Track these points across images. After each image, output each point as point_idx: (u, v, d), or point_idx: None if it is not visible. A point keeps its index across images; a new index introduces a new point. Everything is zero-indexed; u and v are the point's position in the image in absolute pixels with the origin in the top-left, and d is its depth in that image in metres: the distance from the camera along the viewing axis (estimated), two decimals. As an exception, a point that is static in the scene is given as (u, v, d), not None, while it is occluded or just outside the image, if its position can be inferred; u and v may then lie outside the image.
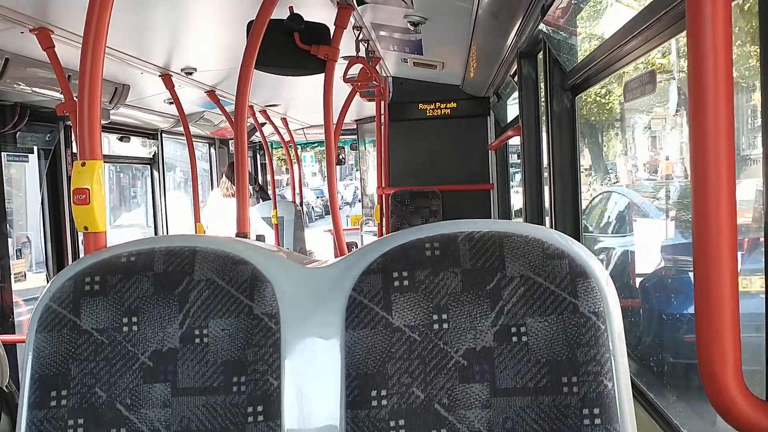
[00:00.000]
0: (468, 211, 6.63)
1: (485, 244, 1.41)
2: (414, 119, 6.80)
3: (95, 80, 1.67)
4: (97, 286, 1.47)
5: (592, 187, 6.80)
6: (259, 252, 1.52)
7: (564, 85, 3.15)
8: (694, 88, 1.07)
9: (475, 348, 1.37)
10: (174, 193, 10.81)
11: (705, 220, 1.07)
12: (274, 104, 7.49)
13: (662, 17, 1.85)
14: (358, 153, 10.13)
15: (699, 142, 1.07)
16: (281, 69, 3.53)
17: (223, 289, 1.46)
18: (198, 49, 4.61)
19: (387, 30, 4.40)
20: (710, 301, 1.08)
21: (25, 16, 3.19)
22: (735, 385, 1.09)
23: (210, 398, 1.41)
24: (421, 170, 6.79)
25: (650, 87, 2.12)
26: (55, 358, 1.44)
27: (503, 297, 1.37)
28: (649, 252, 4.70)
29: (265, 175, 10.70)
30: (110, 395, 1.42)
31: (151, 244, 1.53)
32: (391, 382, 1.37)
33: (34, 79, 4.04)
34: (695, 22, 1.05)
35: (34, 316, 1.48)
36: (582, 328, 1.34)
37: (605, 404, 1.32)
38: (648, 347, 3.85)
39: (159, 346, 1.44)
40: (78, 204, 1.67)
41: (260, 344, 1.43)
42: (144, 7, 3.29)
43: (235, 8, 3.48)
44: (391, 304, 1.40)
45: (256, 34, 2.83)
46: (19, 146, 4.99)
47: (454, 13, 3.87)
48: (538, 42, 3.48)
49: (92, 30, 1.67)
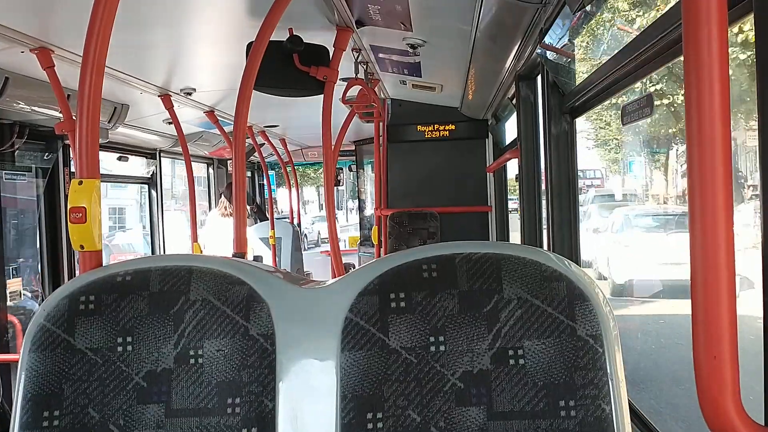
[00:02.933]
0: (466, 233, 6.62)
1: (483, 266, 1.40)
2: (412, 141, 6.81)
3: (95, 100, 1.67)
4: (92, 305, 1.46)
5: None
6: (256, 272, 1.51)
7: (562, 108, 3.16)
8: (690, 112, 1.07)
9: (472, 371, 1.36)
10: (171, 214, 10.80)
11: (702, 246, 1.07)
12: (272, 125, 7.51)
13: (660, 41, 1.86)
14: (357, 174, 10.14)
15: (697, 172, 1.07)
16: (280, 90, 3.55)
17: (218, 310, 1.45)
18: (197, 69, 4.63)
19: (386, 52, 4.42)
20: (708, 325, 1.08)
21: (26, 35, 3.20)
22: (734, 411, 1.08)
23: (204, 420, 1.40)
24: (420, 192, 6.80)
25: (647, 110, 2.13)
26: (48, 378, 1.43)
27: (500, 319, 1.37)
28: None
29: (263, 196, 10.71)
30: (103, 416, 1.41)
31: (148, 264, 1.52)
32: (387, 404, 1.36)
33: (33, 98, 4.05)
34: (692, 46, 1.06)
35: (28, 336, 1.47)
36: (580, 351, 1.34)
37: (603, 428, 1.31)
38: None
39: (153, 366, 1.43)
40: (74, 222, 1.67)
41: (255, 365, 1.42)
42: (144, 27, 3.31)
43: (235, 29, 3.50)
44: (387, 325, 1.39)
45: (255, 56, 2.84)
46: (18, 164, 4.99)
47: (453, 37, 3.89)
48: (537, 65, 3.50)
49: (92, 49, 1.68)
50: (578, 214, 3.24)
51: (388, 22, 3.59)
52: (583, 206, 15.05)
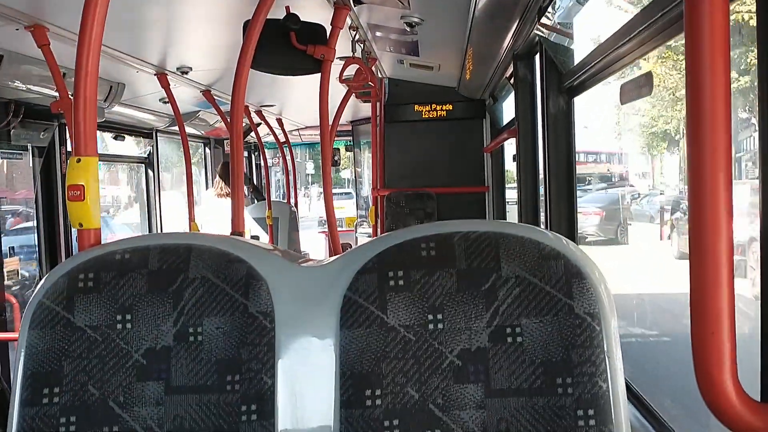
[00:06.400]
0: (463, 213, 6.63)
1: (481, 245, 1.41)
2: (410, 121, 6.79)
3: (91, 76, 1.66)
4: (91, 283, 1.46)
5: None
6: (255, 251, 1.51)
7: (560, 88, 3.15)
8: (691, 90, 1.07)
9: (470, 348, 1.37)
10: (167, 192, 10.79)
11: (701, 222, 1.07)
12: (269, 104, 7.48)
13: (660, 18, 1.85)
14: (354, 154, 10.12)
15: (696, 144, 1.07)
16: (277, 69, 3.53)
17: (218, 287, 1.45)
18: (194, 48, 4.60)
19: (383, 31, 4.39)
20: (706, 302, 1.08)
21: (20, 12, 3.17)
22: (731, 387, 1.09)
23: (203, 397, 1.41)
24: (417, 172, 6.79)
25: (646, 89, 2.12)
26: (48, 356, 1.44)
27: (498, 297, 1.37)
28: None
29: (260, 176, 10.68)
30: (103, 393, 1.41)
31: (146, 242, 1.53)
32: (385, 381, 1.37)
33: (29, 76, 4.02)
34: (693, 24, 1.05)
35: (27, 313, 1.47)
36: (577, 329, 1.35)
37: (600, 405, 1.32)
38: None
39: (153, 344, 1.43)
40: (72, 200, 1.66)
41: (255, 343, 1.42)
42: (140, 5, 3.28)
43: (231, 8, 3.47)
44: (386, 303, 1.40)
45: (252, 34, 2.82)
46: (13, 143, 4.97)
47: (450, 15, 3.87)
48: (535, 44, 3.48)
49: (88, 27, 1.66)
50: (575, 193, 3.24)
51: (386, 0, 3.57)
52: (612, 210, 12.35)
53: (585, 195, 13.71)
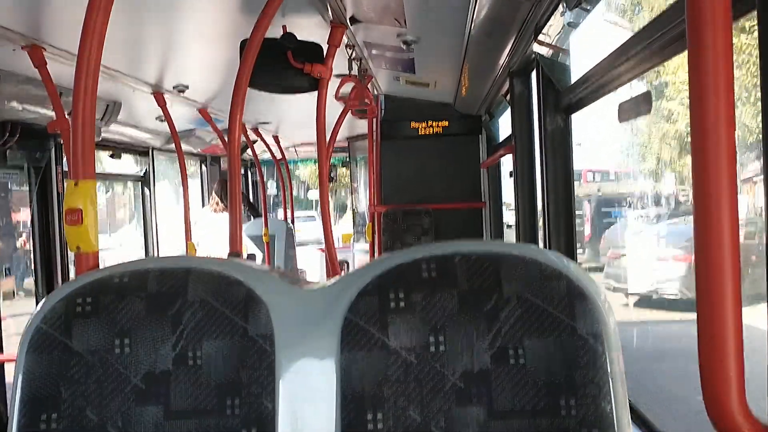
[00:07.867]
0: (460, 229, 6.63)
1: (482, 266, 1.40)
2: (406, 137, 6.80)
3: (90, 99, 1.66)
4: (89, 307, 1.45)
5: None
6: (254, 273, 1.50)
7: (558, 105, 3.15)
8: (695, 109, 1.06)
9: (472, 370, 1.35)
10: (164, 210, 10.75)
11: (707, 245, 1.07)
12: (265, 122, 7.49)
13: (660, 37, 1.86)
14: (350, 170, 10.13)
15: (701, 168, 1.06)
16: (274, 88, 3.53)
17: (217, 310, 1.44)
18: (191, 67, 4.61)
19: (379, 49, 4.41)
20: (713, 324, 1.07)
21: (16, 33, 3.17)
22: (739, 410, 1.08)
23: (203, 421, 1.39)
24: (413, 188, 6.79)
25: (645, 108, 2.12)
26: (46, 381, 1.42)
27: (500, 318, 1.36)
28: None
29: (256, 193, 10.68)
30: (101, 418, 1.40)
31: (145, 265, 1.51)
32: (387, 404, 1.35)
33: (25, 96, 4.02)
34: (696, 42, 1.05)
35: (25, 337, 1.46)
36: (580, 350, 1.33)
37: (604, 427, 1.30)
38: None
39: (152, 368, 1.42)
40: (70, 224, 1.65)
41: (255, 366, 1.41)
42: (137, 24, 3.29)
43: (228, 27, 3.48)
44: (387, 325, 1.38)
45: (250, 54, 2.82)
46: (9, 163, 4.95)
47: (447, 33, 3.88)
48: (531, 61, 3.49)
49: (87, 49, 1.66)
50: (574, 212, 3.24)
51: (382, 19, 3.58)
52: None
53: (649, 227, 10.28)
